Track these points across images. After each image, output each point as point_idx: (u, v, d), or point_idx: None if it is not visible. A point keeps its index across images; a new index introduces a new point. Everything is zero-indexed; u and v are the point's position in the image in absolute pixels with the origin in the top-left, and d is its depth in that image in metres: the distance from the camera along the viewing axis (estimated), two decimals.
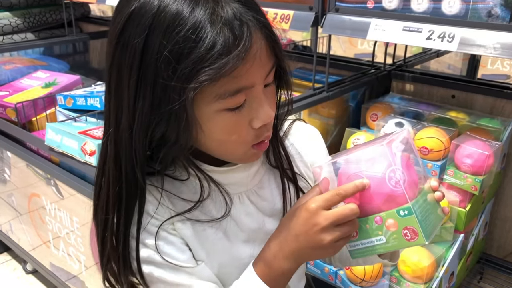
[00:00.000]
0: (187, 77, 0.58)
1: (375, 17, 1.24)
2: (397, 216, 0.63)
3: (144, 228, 0.70)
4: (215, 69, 0.57)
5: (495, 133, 1.47)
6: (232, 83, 0.60)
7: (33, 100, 1.92)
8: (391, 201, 0.63)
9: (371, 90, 1.84)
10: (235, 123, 0.64)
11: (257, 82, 0.63)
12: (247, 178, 0.76)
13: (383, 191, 0.63)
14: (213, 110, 0.62)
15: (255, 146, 0.68)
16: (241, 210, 0.76)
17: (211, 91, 0.60)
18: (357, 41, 3.11)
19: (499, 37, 1.05)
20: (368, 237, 0.66)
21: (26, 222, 2.06)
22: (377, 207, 0.65)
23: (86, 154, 1.48)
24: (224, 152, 0.69)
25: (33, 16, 2.56)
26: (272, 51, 0.64)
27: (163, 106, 0.61)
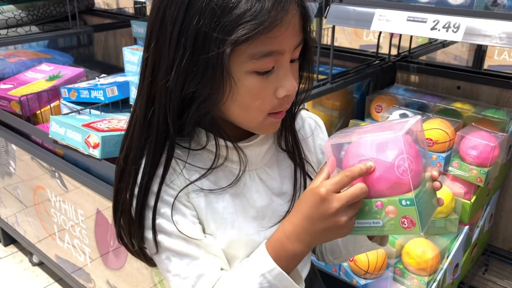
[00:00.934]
0: (229, 30, 0.62)
1: (379, 7, 1.23)
2: (398, 204, 0.64)
3: (160, 197, 0.73)
4: (255, 25, 0.62)
5: (501, 124, 1.46)
6: (267, 44, 0.64)
7: (37, 93, 1.92)
8: (396, 188, 0.65)
9: (375, 81, 1.83)
10: (261, 88, 0.68)
11: (287, 50, 0.67)
12: (258, 156, 0.80)
13: (390, 177, 0.65)
14: (244, 70, 0.66)
15: (272, 115, 0.71)
16: (251, 187, 0.79)
17: (246, 50, 0.64)
18: (362, 32, 3.09)
19: (505, 27, 1.03)
20: (366, 218, 0.67)
21: (31, 215, 2.08)
22: (380, 191, 0.66)
23: (90, 147, 1.48)
24: (244, 118, 0.72)
25: (37, 9, 2.56)
26: (303, 25, 0.69)
27: (202, 57, 0.64)
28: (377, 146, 0.66)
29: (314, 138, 0.88)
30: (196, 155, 0.76)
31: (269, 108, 0.70)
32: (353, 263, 1.31)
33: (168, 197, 0.74)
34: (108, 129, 1.53)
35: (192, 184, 0.75)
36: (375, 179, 0.65)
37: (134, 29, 2.01)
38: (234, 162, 0.77)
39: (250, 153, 0.78)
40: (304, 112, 0.90)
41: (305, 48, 0.72)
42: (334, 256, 0.93)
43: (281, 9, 0.63)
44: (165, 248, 0.75)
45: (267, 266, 0.70)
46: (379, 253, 1.28)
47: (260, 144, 0.79)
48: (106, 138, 1.47)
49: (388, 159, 0.65)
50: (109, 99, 1.80)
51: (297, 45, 0.69)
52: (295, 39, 0.68)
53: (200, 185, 0.75)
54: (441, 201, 0.71)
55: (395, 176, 0.64)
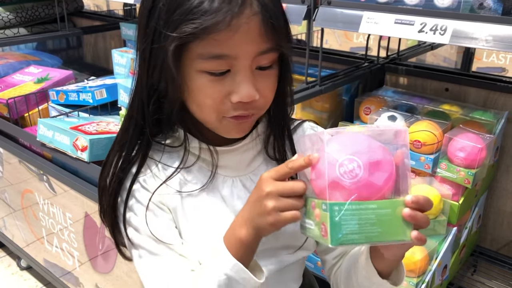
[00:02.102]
0: (174, 26, 0.64)
1: (367, 9, 1.23)
2: (320, 208, 0.60)
3: (134, 196, 0.75)
4: (198, 24, 0.62)
5: (488, 126, 1.47)
6: (215, 46, 0.64)
7: (25, 95, 1.91)
8: (332, 188, 0.59)
9: (364, 83, 1.84)
10: (213, 89, 0.67)
11: (242, 56, 0.65)
12: (242, 163, 0.79)
13: (329, 175, 0.59)
14: (195, 68, 0.66)
15: (231, 117, 0.70)
16: (233, 193, 0.78)
17: (195, 49, 0.65)
18: (352, 34, 3.11)
19: (492, 30, 1.04)
20: (307, 218, 0.64)
21: (19, 218, 2.06)
22: (318, 190, 0.61)
23: (78, 150, 1.47)
24: (202, 117, 0.72)
25: (25, 10, 2.54)
26: (270, 34, 0.66)
27: (155, 52, 0.67)
28: (339, 142, 0.61)
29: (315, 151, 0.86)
30: (173, 154, 0.77)
31: (222, 110, 0.69)
32: None
33: (141, 196, 0.75)
34: (97, 132, 1.52)
35: (167, 186, 0.75)
36: (318, 176, 0.61)
37: (123, 31, 2.00)
38: (209, 163, 0.77)
39: (231, 159, 0.78)
40: (308, 124, 0.88)
41: (282, 58, 0.71)
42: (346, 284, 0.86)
43: (229, 12, 0.62)
44: (137, 244, 0.76)
45: (224, 259, 0.68)
46: None
47: (243, 151, 0.79)
48: (94, 141, 1.46)
49: (337, 157, 0.59)
50: (97, 101, 1.79)
51: (260, 52, 0.66)
52: (254, 46, 0.66)
53: (176, 186, 0.76)
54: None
55: (334, 176, 0.59)
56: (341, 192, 0.59)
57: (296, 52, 2.21)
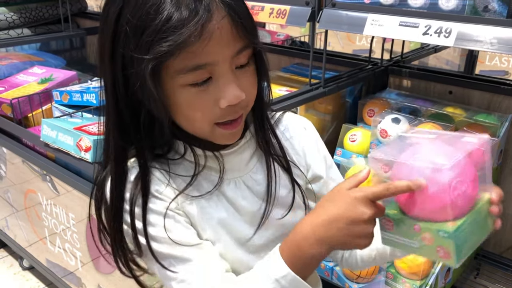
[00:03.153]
0: (147, 48, 0.62)
1: (372, 12, 1.23)
2: (436, 234, 0.61)
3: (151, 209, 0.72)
4: (170, 41, 0.60)
5: (492, 129, 1.47)
6: (191, 58, 0.63)
7: (29, 96, 1.91)
8: (439, 212, 0.61)
9: (368, 85, 1.84)
10: (200, 100, 0.66)
11: (220, 61, 0.65)
12: (241, 163, 0.79)
13: (439, 199, 0.60)
14: (177, 84, 0.65)
15: (221, 126, 0.69)
16: (238, 194, 0.78)
17: (172, 65, 0.63)
18: (355, 37, 3.11)
19: (496, 32, 1.04)
20: (403, 236, 0.65)
21: (22, 218, 2.06)
22: (421, 212, 0.62)
23: (82, 150, 1.47)
24: (193, 130, 0.71)
25: (29, 11, 2.55)
26: (241, 33, 0.65)
27: (135, 78, 0.64)
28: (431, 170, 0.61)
29: (300, 140, 0.86)
30: (175, 164, 0.76)
31: (213, 119, 0.68)
32: None
33: (160, 208, 0.72)
34: (100, 132, 1.53)
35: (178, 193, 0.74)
36: (421, 198, 0.61)
37: None
38: (213, 169, 0.77)
39: (232, 161, 0.78)
40: (289, 114, 0.88)
41: (256, 53, 0.70)
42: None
43: (200, 21, 0.61)
44: (163, 255, 0.73)
45: (281, 271, 0.67)
46: None
47: (241, 151, 0.79)
48: (98, 141, 1.46)
49: (442, 179, 0.60)
50: (101, 102, 1.79)
51: (236, 53, 0.66)
52: (229, 49, 0.65)
53: (188, 192, 0.75)
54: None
55: (447, 199, 0.60)
56: (451, 212, 0.61)
57: (300, 54, 2.22)
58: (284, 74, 1.98)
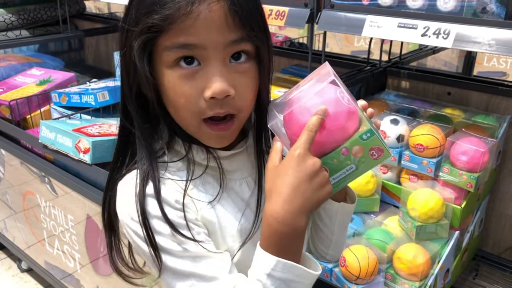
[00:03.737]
0: (138, 21, 0.64)
1: (370, 13, 1.23)
2: (361, 141, 0.67)
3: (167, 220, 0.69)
4: (160, 14, 0.62)
5: (491, 130, 1.47)
6: (179, 35, 0.63)
7: (28, 97, 1.91)
8: (350, 122, 0.66)
9: (366, 87, 1.84)
10: (185, 85, 0.65)
11: (208, 46, 0.63)
12: (248, 163, 0.79)
13: (341, 111, 0.66)
14: (165, 64, 0.65)
15: (208, 124, 0.68)
16: (250, 193, 0.78)
17: (160, 42, 0.64)
18: (353, 38, 3.11)
19: (494, 34, 1.04)
20: (339, 170, 0.68)
21: (20, 220, 2.06)
22: (338, 136, 0.67)
23: (80, 152, 1.47)
24: (181, 120, 0.70)
25: (27, 13, 2.54)
26: (237, 23, 0.64)
27: (126, 52, 0.67)
28: (317, 96, 0.67)
29: None
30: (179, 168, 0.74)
31: (197, 110, 0.66)
32: (345, 268, 1.31)
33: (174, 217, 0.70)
34: (99, 134, 1.52)
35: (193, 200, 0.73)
36: (328, 130, 0.66)
37: None
38: (216, 169, 0.76)
39: (239, 161, 0.78)
40: None
41: (258, 51, 0.68)
42: (324, 244, 0.88)
43: (188, 1, 0.61)
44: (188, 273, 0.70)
45: (269, 263, 0.64)
46: (371, 258, 1.28)
47: (248, 153, 0.79)
48: (96, 143, 1.46)
49: (333, 94, 0.67)
50: (100, 104, 1.79)
51: (230, 42, 0.64)
52: (220, 36, 0.63)
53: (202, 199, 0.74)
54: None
55: (346, 107, 0.66)
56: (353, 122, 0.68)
57: (298, 56, 2.22)
58: (283, 76, 1.98)
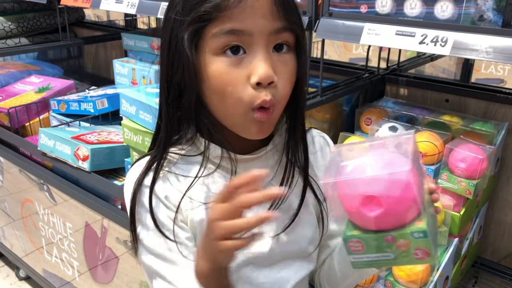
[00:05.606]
0: (189, 10, 0.67)
1: (368, 21, 1.24)
2: (410, 237, 0.61)
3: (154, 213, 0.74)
4: (210, 3, 0.65)
5: (489, 137, 1.48)
6: (227, 22, 0.65)
7: (26, 105, 1.91)
8: (408, 213, 0.61)
9: (365, 94, 1.85)
10: (231, 72, 0.67)
11: (255, 32, 0.66)
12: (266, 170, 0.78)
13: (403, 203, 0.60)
14: (211, 51, 0.67)
15: (255, 110, 0.68)
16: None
17: (208, 31, 0.66)
18: (351, 45, 3.12)
19: (492, 41, 1.05)
20: (376, 252, 0.63)
21: (19, 228, 2.05)
22: (389, 220, 0.62)
23: (79, 159, 1.47)
24: (225, 112, 0.71)
25: (27, 21, 2.55)
26: (282, 13, 0.67)
27: (173, 43, 0.69)
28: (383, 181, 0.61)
29: (323, 155, 0.87)
30: (193, 164, 0.76)
31: (245, 98, 0.67)
32: None
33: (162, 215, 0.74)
34: (98, 141, 1.53)
35: (191, 200, 0.74)
36: (387, 207, 0.60)
37: (124, 42, 2.01)
38: (228, 171, 0.76)
39: (255, 166, 0.77)
40: (316, 131, 0.90)
41: (297, 43, 0.71)
42: (331, 284, 0.90)
43: None
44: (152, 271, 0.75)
45: None
46: None
47: (265, 158, 0.78)
48: (95, 150, 1.46)
49: (406, 179, 0.60)
50: (99, 111, 1.79)
51: (275, 31, 0.67)
52: (267, 23, 0.66)
53: (200, 198, 0.75)
54: (438, 209, 0.71)
55: (412, 197, 0.60)
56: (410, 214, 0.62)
57: None
58: None
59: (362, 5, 1.26)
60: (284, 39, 0.69)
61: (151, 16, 2.64)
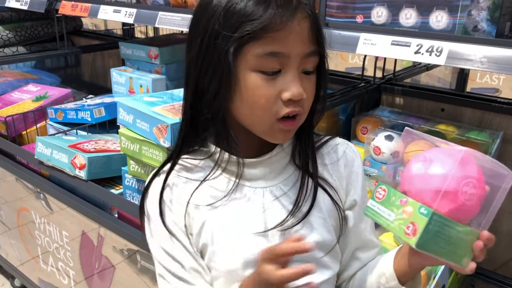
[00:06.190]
0: (235, 28, 0.70)
1: (364, 31, 1.25)
2: (416, 210, 0.64)
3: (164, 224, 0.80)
4: (257, 23, 0.68)
5: (484, 146, 1.48)
6: (270, 44, 0.70)
7: (24, 113, 1.91)
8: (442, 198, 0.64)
9: (361, 103, 1.86)
10: (265, 87, 0.72)
11: (293, 54, 0.71)
12: (270, 174, 0.82)
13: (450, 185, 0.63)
14: (250, 68, 0.71)
15: (281, 121, 0.74)
16: (263, 204, 0.81)
17: (251, 48, 0.70)
18: (348, 55, 3.14)
19: (486, 51, 1.06)
20: (386, 206, 0.68)
21: (14, 237, 2.04)
22: (423, 192, 0.66)
23: (76, 168, 1.47)
24: (253, 119, 0.75)
25: (24, 29, 2.56)
26: (315, 38, 0.73)
27: (212, 53, 0.72)
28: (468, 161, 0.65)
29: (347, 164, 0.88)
30: (198, 167, 0.82)
31: (274, 110, 0.73)
32: None
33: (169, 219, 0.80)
34: (95, 150, 1.53)
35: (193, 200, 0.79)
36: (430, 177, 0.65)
37: (122, 51, 2.02)
38: (235, 174, 0.80)
39: (260, 170, 0.81)
40: (341, 139, 0.92)
41: (321, 64, 0.77)
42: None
43: (285, 14, 0.69)
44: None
45: None
46: None
47: (271, 162, 0.82)
48: (92, 159, 1.46)
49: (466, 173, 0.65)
50: (96, 120, 1.79)
51: (308, 54, 0.73)
52: (304, 47, 0.72)
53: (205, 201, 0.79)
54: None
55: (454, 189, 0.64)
56: (446, 205, 0.64)
57: None
58: None
59: (358, 15, 1.27)
60: (313, 63, 0.75)
61: (148, 25, 2.65)
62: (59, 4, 1.99)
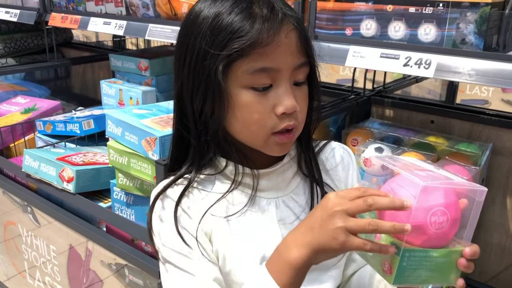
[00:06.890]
0: (222, 46, 0.69)
1: (353, 44, 1.26)
2: (388, 245, 0.63)
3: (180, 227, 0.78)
4: (245, 40, 0.68)
5: (474, 158, 1.49)
6: (259, 60, 0.70)
7: (12, 125, 1.89)
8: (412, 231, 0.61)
9: (351, 115, 1.86)
10: (258, 103, 0.72)
11: (283, 68, 0.71)
12: (281, 184, 0.82)
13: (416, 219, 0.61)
14: (240, 85, 0.71)
15: (276, 134, 0.74)
16: (277, 214, 0.81)
17: (240, 65, 0.70)
18: (339, 67, 3.16)
19: (474, 64, 1.07)
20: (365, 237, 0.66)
21: (1, 252, 2.01)
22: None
23: (64, 181, 1.45)
24: (247, 135, 0.75)
25: (14, 41, 2.55)
26: (304, 49, 0.73)
27: (201, 73, 0.72)
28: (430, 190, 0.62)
29: (344, 167, 0.90)
30: (210, 181, 0.81)
31: (269, 125, 0.73)
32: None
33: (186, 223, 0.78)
34: (83, 163, 1.51)
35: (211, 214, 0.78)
36: (397, 214, 0.62)
37: (112, 62, 2.01)
38: (249, 186, 0.80)
39: (272, 180, 0.81)
40: (336, 143, 0.94)
41: (311, 73, 0.77)
42: None
43: (271, 27, 0.69)
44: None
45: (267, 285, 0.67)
46: None
47: (282, 171, 0.82)
48: (80, 172, 1.45)
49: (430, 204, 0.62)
50: (85, 132, 1.78)
51: (297, 66, 0.73)
52: (294, 59, 0.72)
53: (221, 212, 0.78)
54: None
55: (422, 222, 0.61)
56: (418, 237, 0.61)
57: None
58: None
59: (347, 28, 1.28)
60: (304, 74, 0.75)
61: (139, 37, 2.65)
62: (49, 16, 1.98)
